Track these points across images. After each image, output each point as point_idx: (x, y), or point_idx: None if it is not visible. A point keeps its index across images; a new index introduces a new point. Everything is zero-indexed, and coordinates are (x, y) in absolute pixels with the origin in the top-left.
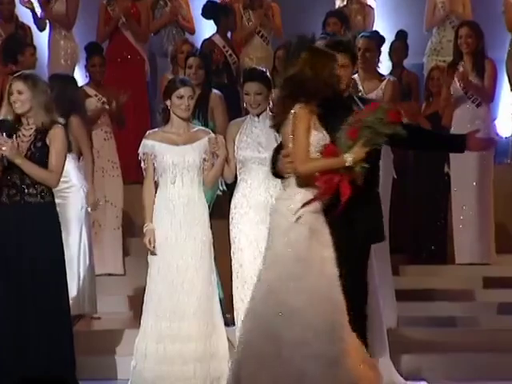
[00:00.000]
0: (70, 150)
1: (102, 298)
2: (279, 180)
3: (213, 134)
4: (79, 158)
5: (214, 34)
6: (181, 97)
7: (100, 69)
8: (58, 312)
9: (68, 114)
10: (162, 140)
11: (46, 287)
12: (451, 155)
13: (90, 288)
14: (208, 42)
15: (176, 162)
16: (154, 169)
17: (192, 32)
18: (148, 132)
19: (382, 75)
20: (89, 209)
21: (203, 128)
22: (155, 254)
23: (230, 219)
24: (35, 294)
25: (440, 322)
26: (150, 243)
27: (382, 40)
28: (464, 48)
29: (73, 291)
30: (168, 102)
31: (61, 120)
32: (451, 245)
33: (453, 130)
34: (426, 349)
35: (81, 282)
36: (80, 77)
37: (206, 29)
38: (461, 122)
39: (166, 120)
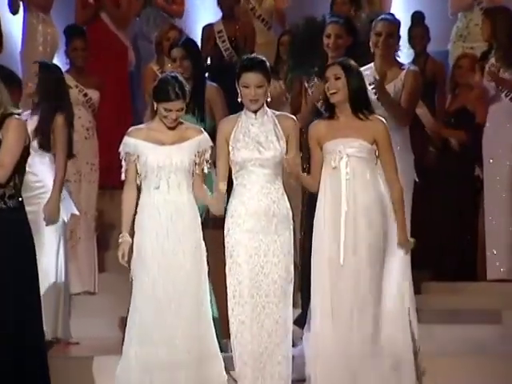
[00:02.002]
0: (49, 149)
1: (80, 319)
2: (281, 184)
3: (205, 134)
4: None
5: (218, 20)
6: (169, 110)
7: (82, 53)
8: (30, 334)
9: (54, 110)
10: (146, 138)
11: (11, 305)
12: (484, 156)
13: (64, 309)
14: (208, 28)
15: (161, 163)
16: (137, 171)
17: (179, 15)
18: (131, 129)
19: (402, 64)
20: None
21: (194, 126)
22: (129, 269)
23: (226, 230)
24: None
25: (468, 347)
26: (122, 257)
27: (400, 24)
28: (484, 37)
29: (47, 313)
30: (155, 104)
31: (17, 111)
32: (481, 259)
33: (487, 128)
34: (451, 377)
35: (55, 302)
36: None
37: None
38: (497, 119)
39: (153, 116)
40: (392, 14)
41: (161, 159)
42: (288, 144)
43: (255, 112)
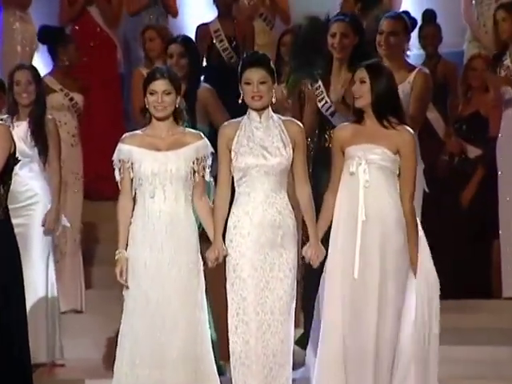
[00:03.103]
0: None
1: (66, 340)
2: (285, 193)
3: (204, 139)
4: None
5: (213, 19)
6: (153, 92)
7: (76, 52)
8: (15, 349)
9: (44, 115)
10: (141, 145)
11: None
12: (499, 167)
13: (54, 327)
14: (203, 27)
15: (156, 171)
16: (132, 180)
17: (175, 13)
18: (125, 135)
19: (411, 65)
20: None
21: (193, 131)
22: (127, 287)
23: (228, 242)
24: None
25: (483, 369)
26: (120, 275)
27: (412, 23)
28: (503, 36)
29: (39, 335)
30: (146, 102)
31: (4, 116)
32: (497, 274)
33: (501, 136)
34: None
35: (46, 322)
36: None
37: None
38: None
39: (148, 121)
40: (404, 12)
41: (155, 166)
42: (295, 151)
43: (260, 115)
